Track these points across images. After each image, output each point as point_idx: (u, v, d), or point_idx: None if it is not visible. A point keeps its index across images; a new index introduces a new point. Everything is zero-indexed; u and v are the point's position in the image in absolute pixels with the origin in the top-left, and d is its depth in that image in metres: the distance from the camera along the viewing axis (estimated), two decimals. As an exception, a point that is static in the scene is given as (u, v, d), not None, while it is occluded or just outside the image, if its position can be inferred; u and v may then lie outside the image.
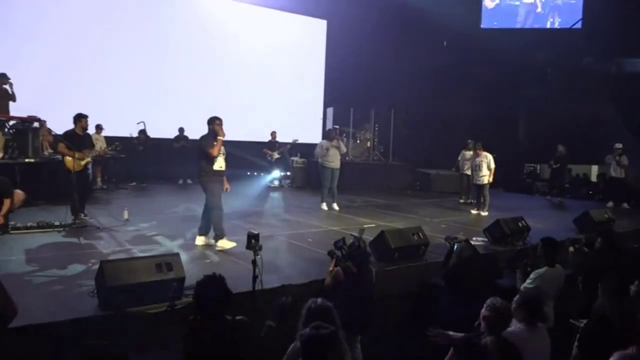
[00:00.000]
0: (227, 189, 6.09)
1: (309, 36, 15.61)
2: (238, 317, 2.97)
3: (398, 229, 5.94)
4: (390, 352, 4.71)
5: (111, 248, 5.55)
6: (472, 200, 10.21)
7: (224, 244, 5.78)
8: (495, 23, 17.90)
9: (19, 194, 6.36)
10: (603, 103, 15.05)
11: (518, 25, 17.77)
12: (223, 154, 6.01)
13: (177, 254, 4.12)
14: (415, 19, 15.04)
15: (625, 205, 11.33)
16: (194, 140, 7.51)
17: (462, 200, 10.98)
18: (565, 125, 14.71)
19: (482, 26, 18.01)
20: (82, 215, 7.02)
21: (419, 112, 16.12)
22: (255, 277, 4.07)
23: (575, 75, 16.19)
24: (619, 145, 11.45)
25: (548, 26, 17.68)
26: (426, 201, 11.06)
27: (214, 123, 5.94)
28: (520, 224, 6.79)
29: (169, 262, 3.90)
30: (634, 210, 10.87)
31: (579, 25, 17.13)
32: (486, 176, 9.44)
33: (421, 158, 14.82)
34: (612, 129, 14.05)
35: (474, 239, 6.84)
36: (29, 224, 6.30)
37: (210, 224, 5.96)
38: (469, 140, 11.17)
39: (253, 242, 4.05)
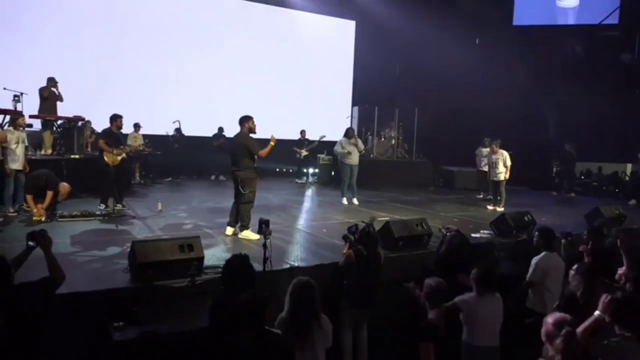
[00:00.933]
0: None
1: (338, 37, 16.13)
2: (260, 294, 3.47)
3: (403, 220, 6.37)
4: (392, 333, 5.17)
5: (144, 234, 6.20)
6: (490, 196, 10.50)
7: (249, 234, 6.28)
8: (529, 20, 17.72)
9: (64, 186, 7.14)
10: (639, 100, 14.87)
11: (559, 22, 17.55)
12: None
13: (198, 237, 4.69)
14: (445, 16, 15.17)
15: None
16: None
17: (480, 196, 11.30)
18: (599, 123, 14.63)
19: (514, 23, 18.01)
20: (120, 206, 7.73)
21: (446, 110, 16.32)
22: (265, 259, 4.62)
23: (611, 72, 16.03)
24: None
25: (584, 22, 17.39)
26: (446, 197, 11.39)
27: (249, 121, 6.46)
28: (526, 217, 7.11)
29: (190, 243, 4.49)
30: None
31: (615, 21, 16.87)
32: (502, 173, 9.73)
33: (446, 155, 15.05)
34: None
35: (481, 231, 7.25)
36: (73, 213, 7.03)
37: (238, 216, 6.53)
38: (486, 138, 11.46)
39: (264, 227, 4.59)
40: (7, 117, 8.55)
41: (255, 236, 6.14)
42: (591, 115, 15.14)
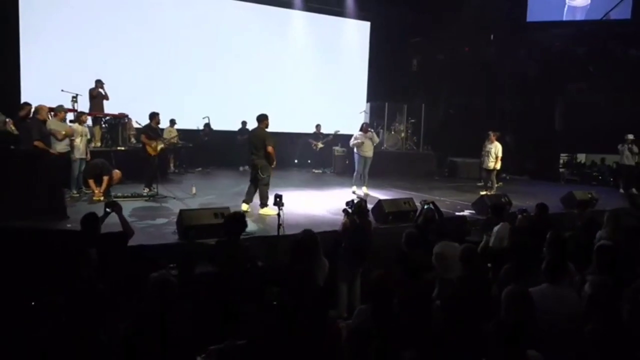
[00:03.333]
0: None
1: (354, 37, 17.28)
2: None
3: (393, 199, 7.68)
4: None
5: (183, 210, 7.63)
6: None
7: (268, 211, 7.60)
8: (541, 16, 18.13)
9: (117, 173, 8.63)
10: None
11: (566, 18, 17.94)
12: None
13: (228, 207, 6.10)
14: (458, 12, 15.88)
15: (634, 190, 12.32)
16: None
17: (480, 184, 12.45)
18: (605, 116, 15.23)
19: (527, 20, 18.64)
20: (155, 190, 9.11)
21: (456, 104, 17.29)
22: (279, 225, 6.00)
23: (619, 67, 16.68)
24: (630, 137, 12.51)
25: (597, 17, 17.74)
26: (447, 185, 12.56)
27: (267, 119, 7.88)
28: (503, 199, 8.31)
29: (222, 212, 5.89)
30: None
31: (627, 16, 17.34)
32: (492, 162, 10.91)
33: (455, 147, 16.00)
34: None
35: (465, 211, 8.51)
36: (125, 194, 8.52)
37: (253, 195, 7.89)
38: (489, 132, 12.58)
39: (278, 199, 5.97)
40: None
41: (273, 211, 7.43)
42: (599, 110, 15.79)
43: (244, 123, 14.10)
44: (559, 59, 17.15)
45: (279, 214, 5.95)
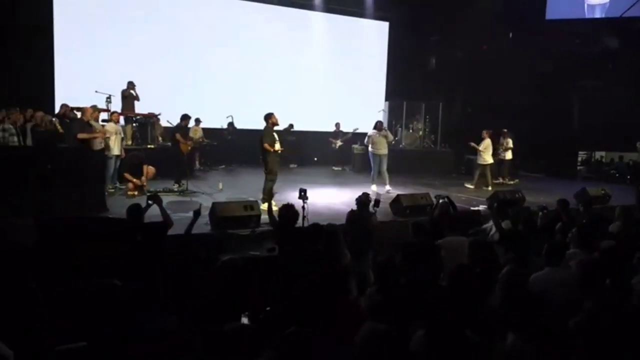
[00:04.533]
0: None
1: (372, 37, 17.66)
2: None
3: (410, 193, 8.10)
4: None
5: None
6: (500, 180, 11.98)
7: (264, 207, 7.81)
8: (560, 14, 17.97)
9: (151, 168, 9.20)
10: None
11: (586, 16, 17.80)
12: (277, 140, 8.35)
13: (256, 201, 6.59)
14: (476, 10, 16.01)
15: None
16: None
17: (498, 181, 12.74)
18: (625, 114, 15.27)
19: (547, 17, 18.72)
20: (185, 185, 9.65)
21: (475, 102, 17.50)
22: (303, 217, 6.44)
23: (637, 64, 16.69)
24: None
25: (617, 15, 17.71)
26: (462, 182, 12.86)
27: (272, 117, 8.27)
28: (517, 195, 8.65)
29: (251, 205, 6.39)
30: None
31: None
32: (481, 157, 11.39)
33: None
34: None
35: (480, 206, 8.87)
36: (157, 189, 9.05)
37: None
38: (504, 130, 12.88)
39: (302, 193, 6.42)
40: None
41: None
42: (618, 107, 15.79)
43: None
44: (577, 57, 17.15)
45: (303, 207, 6.39)
